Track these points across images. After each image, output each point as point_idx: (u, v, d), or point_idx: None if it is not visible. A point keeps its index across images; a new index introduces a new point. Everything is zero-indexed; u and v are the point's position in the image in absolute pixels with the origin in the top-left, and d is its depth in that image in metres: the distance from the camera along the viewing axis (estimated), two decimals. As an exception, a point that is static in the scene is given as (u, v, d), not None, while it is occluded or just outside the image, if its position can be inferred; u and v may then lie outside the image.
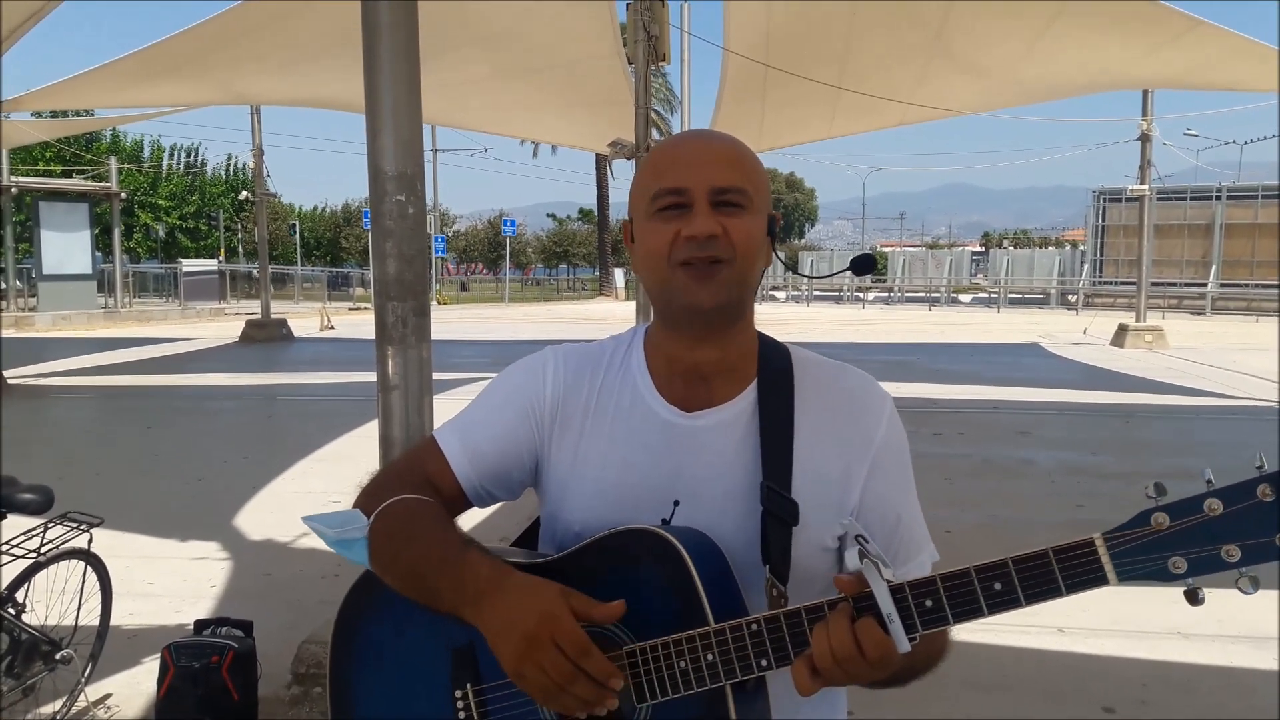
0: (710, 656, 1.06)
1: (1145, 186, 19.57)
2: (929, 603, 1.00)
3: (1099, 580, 0.95)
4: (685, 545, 1.09)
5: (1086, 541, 0.95)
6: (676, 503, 1.21)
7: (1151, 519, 0.94)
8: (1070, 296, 35.88)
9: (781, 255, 1.32)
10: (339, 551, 1.20)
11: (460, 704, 1.17)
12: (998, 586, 0.98)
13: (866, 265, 1.37)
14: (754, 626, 1.06)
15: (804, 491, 1.19)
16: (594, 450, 1.26)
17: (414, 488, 1.24)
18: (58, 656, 3.34)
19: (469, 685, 1.17)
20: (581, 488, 1.25)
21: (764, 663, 1.06)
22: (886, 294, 42.18)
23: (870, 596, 1.01)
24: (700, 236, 1.14)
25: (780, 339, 1.32)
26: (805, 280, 42.85)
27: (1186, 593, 0.93)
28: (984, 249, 64.42)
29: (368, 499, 1.25)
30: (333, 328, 24.51)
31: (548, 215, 71.97)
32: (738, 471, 1.22)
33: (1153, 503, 0.94)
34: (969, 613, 0.99)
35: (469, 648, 1.17)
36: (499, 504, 1.37)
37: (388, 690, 1.24)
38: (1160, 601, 4.65)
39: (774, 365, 1.27)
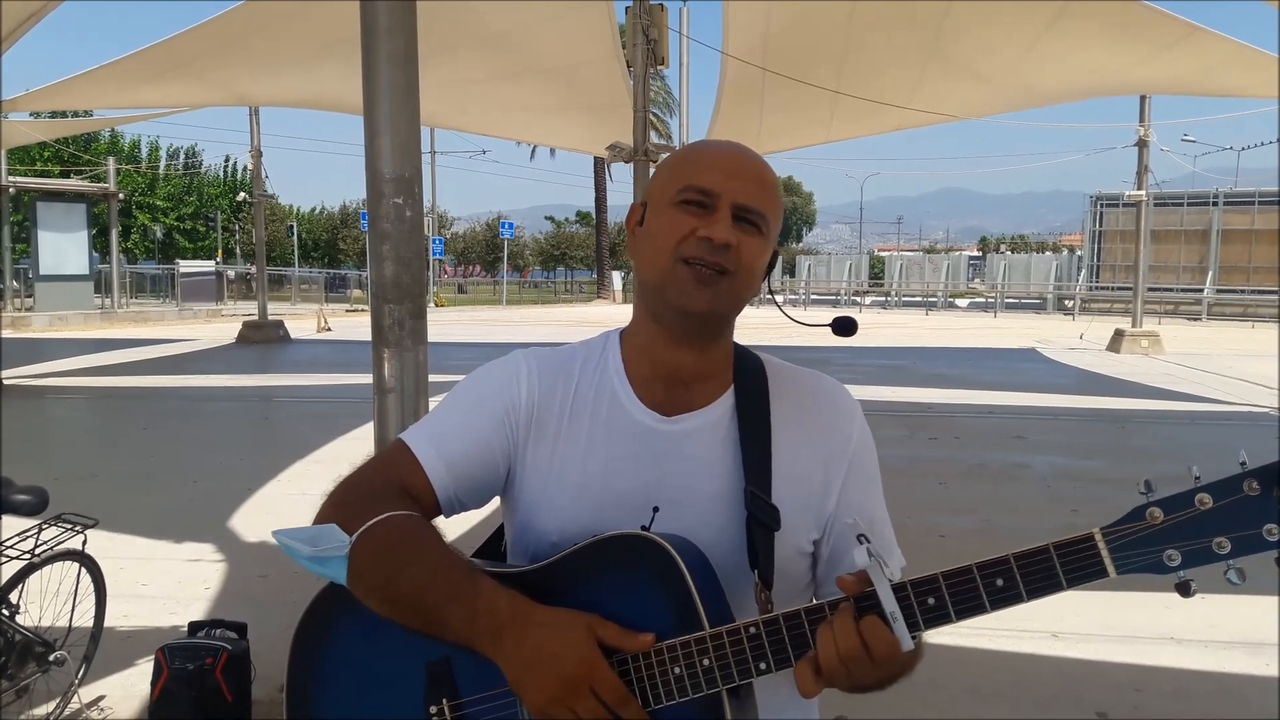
0: (706, 661, 1.05)
1: (1142, 192, 19.59)
2: (931, 600, 1.01)
3: (1099, 573, 0.97)
4: (675, 550, 1.07)
5: (1086, 536, 0.97)
6: (656, 509, 1.19)
7: (1146, 513, 0.96)
8: (1067, 301, 35.94)
9: (773, 291, 1.33)
10: (313, 570, 1.13)
11: None
12: (1000, 582, 0.99)
13: (847, 329, 1.36)
14: (752, 630, 1.05)
15: (783, 496, 1.19)
16: (571, 456, 1.23)
17: (390, 499, 1.17)
18: (51, 658, 3.33)
19: (445, 701, 1.13)
20: (557, 495, 1.22)
21: (763, 666, 1.05)
22: (883, 298, 42.24)
23: (870, 596, 1.01)
24: (717, 240, 1.14)
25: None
26: (803, 285, 43.01)
27: (1178, 585, 0.96)
28: (981, 254, 64.35)
29: (339, 510, 1.18)
30: (329, 329, 24.49)
31: (545, 218, 71.96)
32: (719, 476, 1.21)
33: (1145, 498, 0.97)
34: (971, 609, 1.00)
35: (444, 662, 1.13)
36: (488, 514, 1.35)
37: (353, 708, 1.18)
38: (1153, 606, 4.66)
39: (749, 371, 1.27)
